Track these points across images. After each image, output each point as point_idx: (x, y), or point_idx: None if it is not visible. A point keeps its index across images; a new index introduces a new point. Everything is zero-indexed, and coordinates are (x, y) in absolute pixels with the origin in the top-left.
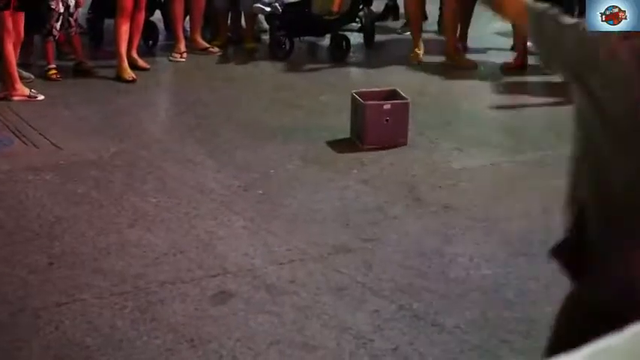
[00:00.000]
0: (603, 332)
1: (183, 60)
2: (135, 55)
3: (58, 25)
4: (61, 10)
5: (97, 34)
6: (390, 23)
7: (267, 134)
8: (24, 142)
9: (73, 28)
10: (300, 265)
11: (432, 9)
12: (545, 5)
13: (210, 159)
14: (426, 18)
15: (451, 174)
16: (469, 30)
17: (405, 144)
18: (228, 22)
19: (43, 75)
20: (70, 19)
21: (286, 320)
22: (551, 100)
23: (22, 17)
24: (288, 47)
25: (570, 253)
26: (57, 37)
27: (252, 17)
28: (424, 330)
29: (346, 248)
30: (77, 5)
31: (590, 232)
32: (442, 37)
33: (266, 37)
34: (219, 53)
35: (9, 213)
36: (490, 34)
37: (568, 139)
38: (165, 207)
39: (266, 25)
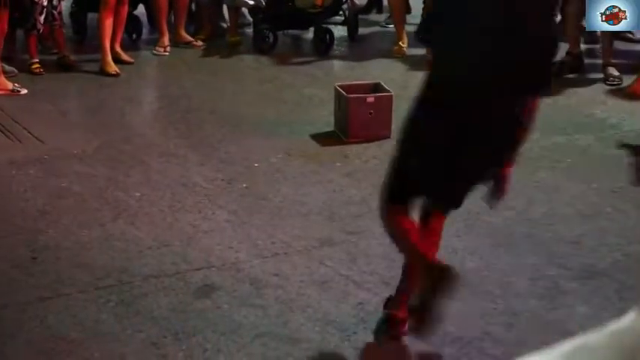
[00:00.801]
0: None
1: (167, 54)
2: (118, 48)
3: (42, 19)
4: (45, 3)
5: (81, 28)
6: (373, 16)
7: (250, 128)
8: (7, 137)
9: (57, 22)
10: (284, 258)
11: (416, 2)
12: None
13: (193, 152)
14: (409, 11)
15: None
16: None
17: (388, 137)
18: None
19: (26, 69)
20: (54, 12)
21: (271, 313)
22: None
23: (6, 12)
24: (271, 40)
25: None
26: (41, 31)
27: (235, 10)
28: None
29: (330, 241)
30: None
31: None
32: None
33: (249, 30)
34: (202, 47)
35: None
36: None
37: (551, 131)
38: (148, 201)
39: (249, 19)
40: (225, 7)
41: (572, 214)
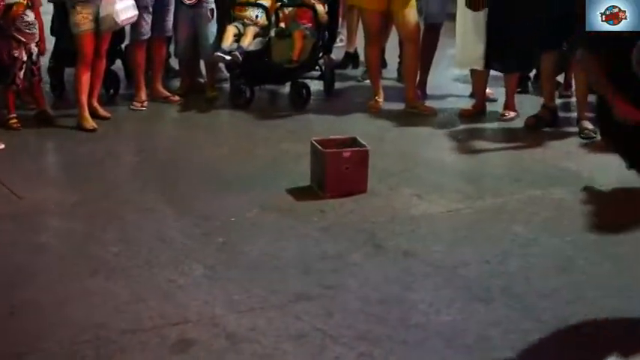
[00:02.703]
0: None
1: (145, 109)
2: (95, 104)
3: (21, 74)
4: (24, 59)
5: (59, 83)
6: (349, 71)
7: (227, 182)
8: None
9: (36, 77)
10: (260, 312)
11: (392, 56)
12: None
13: (170, 207)
14: (385, 66)
15: (411, 220)
16: (428, 77)
17: (364, 191)
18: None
19: (4, 124)
20: (34, 67)
21: None
22: (509, 145)
23: None
24: (248, 95)
25: None
26: (20, 87)
27: (212, 66)
28: None
29: (306, 295)
30: (40, 53)
31: None
32: (402, 85)
33: (227, 85)
34: (180, 102)
35: None
36: (449, 81)
37: (526, 184)
38: (125, 256)
39: (227, 74)
40: (202, 63)
41: (548, 267)
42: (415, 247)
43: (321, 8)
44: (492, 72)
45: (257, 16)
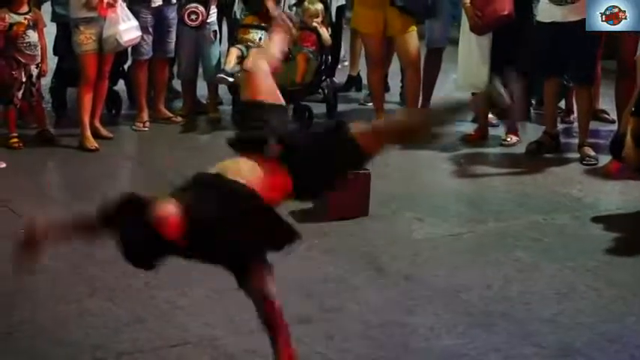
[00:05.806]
0: None
1: (147, 129)
2: (97, 124)
3: (19, 94)
4: (23, 79)
5: (61, 103)
6: (352, 94)
7: None
8: None
9: (35, 98)
10: (261, 335)
11: (395, 80)
12: None
13: None
14: (388, 89)
15: (412, 244)
16: (431, 101)
17: (366, 215)
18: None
19: (5, 143)
20: (32, 89)
21: None
22: (511, 170)
23: None
24: None
25: None
26: (18, 106)
27: (215, 87)
28: None
29: (307, 318)
30: (40, 75)
31: None
32: (404, 108)
33: (229, 106)
34: (182, 123)
35: None
36: None
37: (529, 210)
38: (125, 276)
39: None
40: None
41: (549, 292)
42: (416, 271)
43: (324, 31)
44: None
45: (260, 39)
